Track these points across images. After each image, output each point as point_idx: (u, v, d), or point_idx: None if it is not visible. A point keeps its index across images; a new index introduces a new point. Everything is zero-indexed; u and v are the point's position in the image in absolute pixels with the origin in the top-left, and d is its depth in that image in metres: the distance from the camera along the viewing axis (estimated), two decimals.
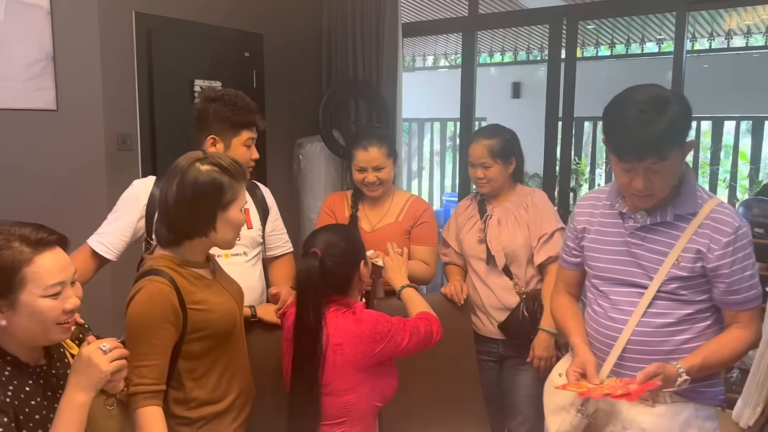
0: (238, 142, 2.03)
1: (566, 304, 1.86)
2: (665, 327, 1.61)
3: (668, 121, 1.47)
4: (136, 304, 1.50)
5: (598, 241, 1.72)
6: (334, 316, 1.70)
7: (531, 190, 2.42)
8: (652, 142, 1.48)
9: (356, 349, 1.65)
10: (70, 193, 2.98)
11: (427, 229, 2.47)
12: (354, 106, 3.89)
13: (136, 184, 2.07)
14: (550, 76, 3.56)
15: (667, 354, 1.60)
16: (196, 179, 1.54)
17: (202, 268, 1.64)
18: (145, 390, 1.48)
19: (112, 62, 3.03)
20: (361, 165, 2.40)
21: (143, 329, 1.49)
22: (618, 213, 1.68)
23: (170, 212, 1.56)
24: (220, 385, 1.62)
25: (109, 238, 2.00)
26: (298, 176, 3.96)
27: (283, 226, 2.30)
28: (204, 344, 1.58)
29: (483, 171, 2.35)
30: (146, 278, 1.52)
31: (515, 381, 2.38)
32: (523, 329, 2.30)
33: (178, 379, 1.57)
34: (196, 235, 1.58)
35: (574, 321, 1.79)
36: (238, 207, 1.61)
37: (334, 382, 1.66)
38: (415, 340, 1.72)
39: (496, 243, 2.33)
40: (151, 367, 1.49)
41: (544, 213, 2.33)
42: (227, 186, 1.57)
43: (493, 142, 2.35)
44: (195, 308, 1.55)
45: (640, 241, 1.63)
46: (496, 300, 2.35)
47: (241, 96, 2.05)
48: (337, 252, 1.71)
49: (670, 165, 1.52)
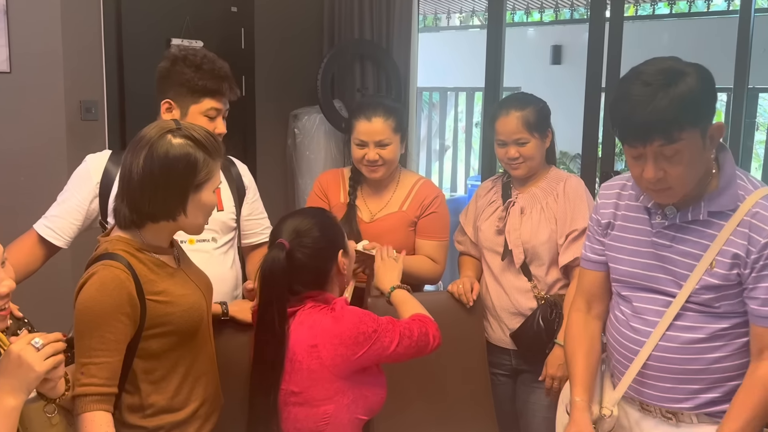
0: (196, 110, 2.05)
1: (579, 332, 1.83)
2: (695, 343, 1.61)
3: (678, 96, 1.45)
4: (87, 291, 1.54)
5: (621, 239, 1.71)
6: (310, 313, 1.73)
7: (565, 176, 2.39)
8: (656, 120, 1.45)
9: (335, 351, 1.67)
10: (24, 169, 3.03)
11: (436, 220, 2.45)
12: (359, 71, 3.91)
13: (88, 160, 2.11)
14: (592, 38, 3.53)
15: (696, 374, 1.60)
16: (167, 153, 1.56)
17: (166, 254, 1.68)
18: (93, 392, 1.51)
19: (75, 17, 3.07)
20: (361, 138, 2.37)
21: (94, 321, 1.52)
22: (644, 207, 1.67)
23: (134, 189, 1.58)
24: (181, 390, 1.66)
25: (58, 222, 2.04)
26: (293, 154, 3.99)
27: (263, 210, 2.33)
28: (164, 342, 1.62)
29: (518, 149, 2.31)
30: (100, 263, 1.56)
31: (530, 400, 2.37)
32: (537, 341, 2.27)
33: (133, 382, 1.61)
34: (162, 217, 1.61)
35: (583, 364, 1.77)
36: (212, 188, 1.64)
37: (308, 390, 1.69)
38: (406, 344, 1.74)
39: (515, 236, 2.32)
40: (102, 365, 1.52)
41: (576, 205, 2.29)
42: (202, 163, 1.59)
43: (527, 111, 2.31)
44: (155, 299, 1.59)
45: (669, 242, 1.62)
46: (509, 303, 2.35)
47: (211, 58, 2.07)
48: (308, 242, 1.73)
49: (684, 149, 1.49)
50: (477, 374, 2.33)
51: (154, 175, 1.56)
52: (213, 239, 2.12)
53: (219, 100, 2.08)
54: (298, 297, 1.76)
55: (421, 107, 7.74)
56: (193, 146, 1.59)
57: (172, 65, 2.05)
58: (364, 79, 3.91)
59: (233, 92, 2.10)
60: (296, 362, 1.69)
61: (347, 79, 3.94)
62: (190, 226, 1.66)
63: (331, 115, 3.86)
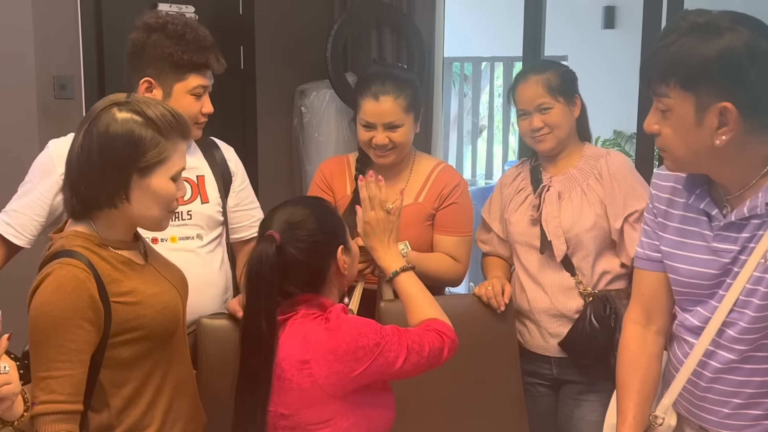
0: (182, 89, 2.05)
1: (635, 352, 1.79)
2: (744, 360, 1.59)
3: (683, 48, 1.48)
4: (42, 294, 1.54)
5: (680, 245, 1.68)
6: (302, 323, 1.72)
7: (604, 152, 2.41)
8: (651, 63, 1.53)
9: (329, 369, 1.65)
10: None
11: (457, 212, 2.45)
12: (376, 39, 3.88)
13: (50, 146, 2.12)
14: None
15: (750, 398, 1.59)
16: (107, 129, 1.58)
17: (129, 249, 1.69)
18: (54, 410, 1.51)
19: None
20: (368, 120, 2.38)
21: (51, 328, 1.52)
22: (700, 209, 1.64)
23: (73, 171, 1.61)
24: (156, 404, 1.66)
25: (18, 218, 2.06)
26: (299, 135, 3.99)
27: (255, 200, 2.33)
28: (135, 349, 1.63)
29: (541, 117, 2.34)
30: (56, 261, 1.57)
31: (575, 415, 2.38)
32: (593, 344, 2.27)
33: (101, 397, 1.61)
34: (103, 204, 1.61)
35: (635, 400, 1.74)
36: (166, 174, 1.63)
37: (300, 412, 1.68)
38: (415, 360, 1.71)
39: (554, 224, 2.32)
40: (62, 378, 1.52)
41: (628, 183, 2.30)
42: (149, 143, 1.59)
43: (548, 75, 2.35)
44: (121, 301, 1.60)
45: (732, 244, 1.59)
46: (549, 304, 2.35)
47: (193, 26, 2.07)
48: (302, 235, 1.72)
49: (674, 110, 1.51)
50: (509, 387, 2.33)
51: (92, 153, 1.58)
52: (198, 236, 2.13)
53: (205, 74, 2.08)
54: (289, 301, 1.75)
55: (451, 81, 7.69)
56: (141, 123, 1.60)
57: (148, 36, 2.05)
58: (381, 48, 3.88)
59: (220, 64, 2.10)
60: (285, 380, 1.68)
61: (362, 48, 3.92)
62: (142, 218, 1.66)
63: (343, 90, 3.82)
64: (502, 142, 7.80)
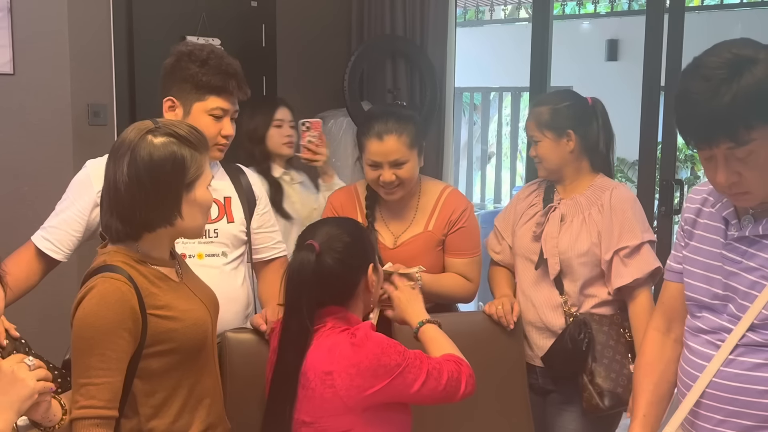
0: (200, 108, 2.08)
1: (653, 356, 1.78)
2: (761, 379, 1.52)
3: (743, 90, 1.38)
4: (87, 305, 1.58)
5: (697, 251, 1.66)
6: (329, 335, 1.74)
7: (613, 185, 2.40)
8: (719, 120, 1.39)
9: (350, 382, 1.66)
10: (27, 177, 3.11)
11: (466, 235, 2.45)
12: (391, 70, 3.94)
13: (89, 165, 2.17)
14: (649, 31, 3.52)
15: (765, 421, 1.53)
16: (150, 156, 1.61)
17: (167, 266, 1.72)
18: (92, 414, 1.54)
19: (83, 14, 3.15)
20: (374, 159, 2.35)
21: (95, 337, 1.56)
22: (721, 216, 1.61)
23: (123, 200, 1.63)
24: (182, 415, 1.69)
25: (56, 234, 2.09)
26: None
27: (275, 223, 2.37)
28: (166, 361, 1.65)
29: (534, 148, 2.42)
30: (99, 275, 1.61)
31: (557, 423, 2.40)
32: (569, 362, 2.29)
33: (132, 405, 1.64)
34: (158, 224, 1.65)
35: (648, 399, 1.72)
36: (204, 184, 1.69)
37: (321, 420, 1.70)
38: (432, 386, 1.72)
39: (551, 244, 2.34)
40: (102, 385, 1.55)
41: (625, 218, 2.30)
42: (189, 160, 1.64)
43: (542, 109, 2.40)
44: (157, 314, 1.63)
45: (739, 257, 1.55)
46: (536, 317, 2.38)
47: (219, 54, 2.12)
48: (339, 247, 1.76)
49: (760, 150, 1.41)
50: (517, 400, 2.33)
51: (142, 181, 1.61)
52: (223, 254, 2.16)
53: (226, 99, 2.11)
54: (318, 312, 1.77)
55: (461, 110, 7.74)
56: (177, 143, 1.63)
57: (177, 61, 2.10)
58: (395, 78, 3.93)
59: (242, 91, 2.13)
60: (309, 389, 1.70)
61: (377, 78, 3.97)
62: (189, 229, 1.70)
63: (360, 118, 3.88)
64: (510, 168, 7.83)
